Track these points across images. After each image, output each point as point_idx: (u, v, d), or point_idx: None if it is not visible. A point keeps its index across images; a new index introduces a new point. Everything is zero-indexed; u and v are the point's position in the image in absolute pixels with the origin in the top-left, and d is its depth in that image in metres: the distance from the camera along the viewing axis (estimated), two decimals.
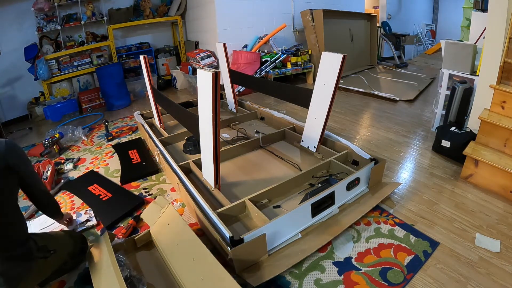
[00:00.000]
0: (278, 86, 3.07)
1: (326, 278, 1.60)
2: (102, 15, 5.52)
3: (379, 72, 5.90)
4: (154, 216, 1.90)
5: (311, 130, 2.58)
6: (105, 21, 5.55)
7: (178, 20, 6.09)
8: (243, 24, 5.37)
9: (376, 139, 3.09)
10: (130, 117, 4.61)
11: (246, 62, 5.09)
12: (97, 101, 5.37)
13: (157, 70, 6.28)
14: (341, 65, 2.15)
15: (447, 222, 1.91)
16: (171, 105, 2.97)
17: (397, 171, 2.51)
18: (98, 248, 1.76)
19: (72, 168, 3.12)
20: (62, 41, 5.35)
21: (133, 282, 1.58)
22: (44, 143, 3.46)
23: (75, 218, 2.19)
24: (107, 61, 5.68)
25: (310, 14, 5.37)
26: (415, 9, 8.37)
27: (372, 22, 6.46)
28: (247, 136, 3.12)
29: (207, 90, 1.78)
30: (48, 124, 4.80)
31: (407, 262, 1.63)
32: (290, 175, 2.27)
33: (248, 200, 1.94)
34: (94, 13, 5.43)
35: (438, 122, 3.11)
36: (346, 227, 1.85)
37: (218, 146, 1.91)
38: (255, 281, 1.54)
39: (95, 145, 3.69)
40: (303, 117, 3.06)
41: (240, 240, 1.58)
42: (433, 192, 2.21)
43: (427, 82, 4.99)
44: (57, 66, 5.24)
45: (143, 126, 3.40)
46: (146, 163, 2.96)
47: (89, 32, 5.54)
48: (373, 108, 4.08)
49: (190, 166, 2.51)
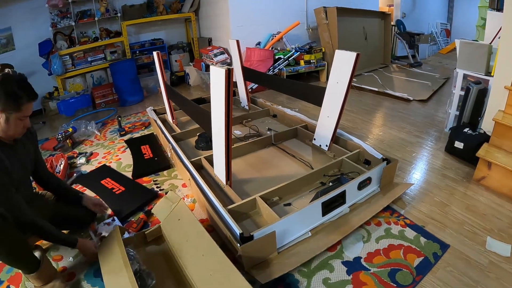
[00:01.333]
0: (291, 84, 3.06)
1: (335, 277, 1.59)
2: (116, 11, 5.57)
3: (393, 71, 5.85)
4: (165, 211, 1.91)
5: (324, 128, 2.57)
6: (119, 17, 5.60)
7: (192, 17, 6.11)
8: (256, 21, 5.36)
9: (388, 139, 3.07)
10: (143, 112, 4.65)
11: (259, 59, 5.09)
12: (110, 96, 5.43)
13: (170, 66, 6.32)
14: (355, 63, 2.13)
15: (458, 224, 1.89)
16: (184, 101, 2.98)
17: (409, 172, 2.49)
18: (109, 241, 1.78)
19: (84, 162, 3.17)
20: (76, 37, 5.42)
21: (143, 276, 1.59)
22: (57, 137, 3.51)
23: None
24: (121, 57, 5.73)
25: (324, 11, 5.33)
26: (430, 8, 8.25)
27: (386, 21, 6.40)
28: (259, 133, 3.13)
29: (220, 87, 1.79)
30: (62, 118, 4.86)
31: (417, 264, 1.62)
32: (301, 173, 2.27)
33: (259, 197, 1.94)
34: (108, 10, 5.48)
35: (452, 123, 3.07)
36: (356, 227, 1.85)
37: (230, 142, 1.92)
38: (264, 279, 1.54)
39: (108, 139, 3.73)
40: (315, 115, 3.04)
41: (250, 237, 1.58)
42: (445, 194, 2.18)
43: (441, 82, 4.92)
44: (71, 62, 5.31)
45: (155, 122, 3.43)
46: (158, 158, 2.99)
47: (102, 28, 5.59)
48: (386, 108, 4.05)
49: (202, 162, 2.53)
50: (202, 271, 1.53)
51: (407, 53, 6.45)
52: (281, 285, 1.58)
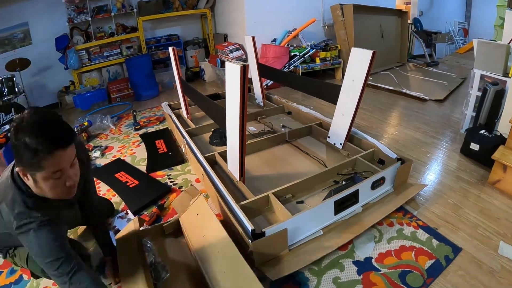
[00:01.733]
0: (307, 81, 3.06)
1: (345, 277, 1.59)
2: (132, 7, 5.63)
3: (409, 70, 5.78)
4: (184, 205, 1.94)
5: (338, 126, 2.56)
6: (135, 13, 5.66)
7: (207, 13, 6.14)
8: (272, 18, 5.34)
9: (403, 139, 3.04)
10: (158, 107, 4.69)
11: (275, 56, 5.07)
12: (126, 91, 5.50)
13: (185, 62, 6.36)
14: (371, 61, 2.12)
15: (471, 227, 1.86)
16: (199, 96, 3.00)
17: (423, 173, 2.46)
18: (126, 232, 1.81)
19: (99, 156, 3.23)
20: (93, 32, 5.50)
21: (157, 268, 1.62)
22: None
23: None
24: (137, 52, 5.80)
25: (340, 9, 5.29)
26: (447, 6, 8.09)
27: (403, 19, 6.31)
28: (274, 130, 3.13)
29: (235, 83, 1.79)
30: (77, 112, 4.95)
31: (428, 266, 1.61)
32: (315, 171, 2.27)
33: (271, 194, 1.95)
34: (124, 5, 5.55)
35: (468, 124, 3.02)
36: (368, 227, 1.84)
37: (244, 139, 1.93)
38: (274, 275, 1.55)
39: (123, 134, 3.79)
40: (330, 113, 3.03)
41: (261, 234, 1.59)
42: (459, 196, 2.15)
43: (457, 82, 4.85)
44: (87, 56, 5.40)
45: (170, 117, 3.46)
46: (172, 153, 3.02)
47: (119, 24, 5.66)
48: (402, 107, 4.01)
49: (216, 158, 2.55)
50: (216, 267, 1.54)
51: (424, 52, 6.36)
52: (291, 283, 1.58)
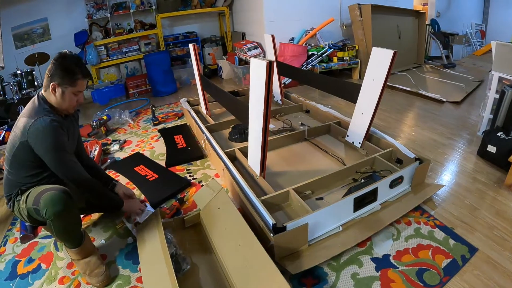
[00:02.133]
0: (326, 80, 3.07)
1: (363, 273, 1.61)
2: (151, 4, 5.70)
3: (426, 72, 5.74)
4: (206, 199, 1.97)
5: (357, 125, 2.58)
6: (154, 10, 5.73)
7: (225, 11, 6.18)
8: (290, 17, 5.36)
9: (420, 139, 3.05)
10: (176, 103, 4.75)
11: (293, 54, 5.10)
12: (144, 86, 5.57)
13: (203, 59, 6.42)
14: (391, 61, 2.13)
15: (487, 229, 1.87)
16: (220, 93, 3.04)
17: (440, 173, 2.47)
18: (148, 223, 1.85)
19: (118, 149, 3.28)
20: (111, 28, 5.59)
21: (178, 260, 1.65)
22: (92, 124, 3.65)
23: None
24: (155, 49, 5.87)
25: (358, 8, 5.28)
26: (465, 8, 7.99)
27: (420, 19, 6.26)
28: (293, 128, 3.16)
29: (260, 80, 1.81)
30: (95, 107, 5.04)
31: (445, 265, 1.62)
32: (333, 168, 2.29)
33: (292, 189, 1.98)
34: (143, 2, 5.63)
35: (485, 126, 3.01)
36: (386, 224, 1.86)
37: (267, 135, 1.96)
38: (294, 269, 1.57)
39: (141, 128, 3.85)
40: (347, 112, 3.05)
41: (282, 228, 1.61)
42: (475, 197, 2.15)
43: (475, 84, 4.81)
44: (106, 52, 5.49)
45: (189, 113, 3.51)
46: (191, 148, 3.06)
47: (137, 20, 5.73)
48: (419, 108, 4.00)
49: (236, 154, 2.58)
50: (237, 260, 1.57)
51: (441, 53, 6.31)
52: (310, 277, 1.61)
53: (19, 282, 1.76)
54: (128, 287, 1.65)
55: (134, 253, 1.83)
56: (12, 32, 5.10)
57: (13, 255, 1.94)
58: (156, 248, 1.63)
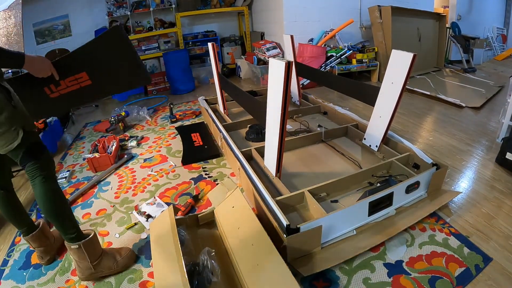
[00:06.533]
0: (345, 81, 3.04)
1: (375, 278, 1.60)
2: (171, 2, 5.75)
3: (446, 76, 5.66)
4: (220, 197, 1.99)
5: (375, 128, 2.56)
6: (173, 8, 5.78)
7: (245, 11, 6.20)
8: (310, 18, 5.35)
9: (438, 145, 3.01)
10: (193, 101, 4.79)
11: (312, 55, 5.09)
12: (162, 84, 5.64)
13: (222, 59, 6.46)
14: (411, 64, 2.11)
15: (503, 238, 1.83)
16: (238, 92, 3.05)
17: (457, 180, 2.44)
18: (162, 220, 1.86)
19: (135, 145, 3.32)
20: (131, 26, 5.65)
21: (205, 273, 1.61)
22: (110, 120, 3.71)
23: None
24: (174, 47, 5.92)
25: (378, 10, 5.24)
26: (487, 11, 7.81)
27: (441, 22, 6.17)
28: (310, 129, 3.15)
29: (279, 80, 1.81)
30: (114, 103, 5.12)
31: (458, 274, 1.59)
32: (349, 171, 2.29)
33: (307, 191, 1.97)
34: (163, 1, 5.69)
35: (504, 133, 2.95)
36: (401, 230, 1.85)
37: (284, 135, 1.95)
38: (306, 271, 1.57)
39: (159, 125, 3.90)
40: (365, 115, 3.03)
41: (296, 229, 1.62)
42: (492, 206, 2.11)
43: (495, 90, 4.72)
44: None
45: (207, 111, 3.54)
46: (208, 146, 3.10)
47: (157, 19, 5.80)
48: (437, 112, 3.95)
49: (252, 153, 2.59)
50: (249, 260, 1.57)
51: (461, 57, 6.22)
52: (321, 280, 1.61)
53: (32, 271, 1.80)
54: (140, 281, 1.69)
55: (147, 248, 1.87)
56: (34, 28, 5.21)
57: (28, 245, 1.97)
58: (168, 244, 1.64)
